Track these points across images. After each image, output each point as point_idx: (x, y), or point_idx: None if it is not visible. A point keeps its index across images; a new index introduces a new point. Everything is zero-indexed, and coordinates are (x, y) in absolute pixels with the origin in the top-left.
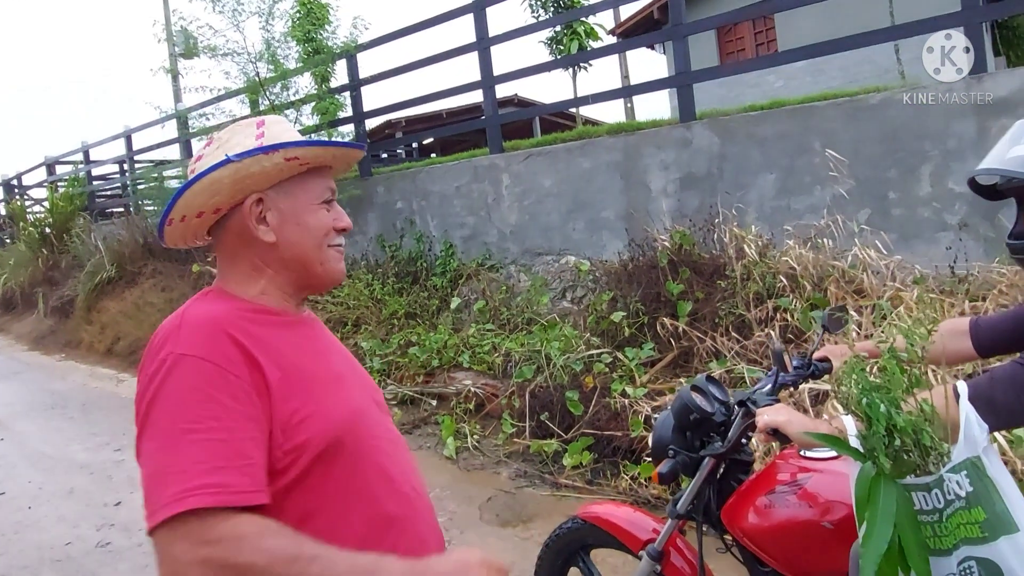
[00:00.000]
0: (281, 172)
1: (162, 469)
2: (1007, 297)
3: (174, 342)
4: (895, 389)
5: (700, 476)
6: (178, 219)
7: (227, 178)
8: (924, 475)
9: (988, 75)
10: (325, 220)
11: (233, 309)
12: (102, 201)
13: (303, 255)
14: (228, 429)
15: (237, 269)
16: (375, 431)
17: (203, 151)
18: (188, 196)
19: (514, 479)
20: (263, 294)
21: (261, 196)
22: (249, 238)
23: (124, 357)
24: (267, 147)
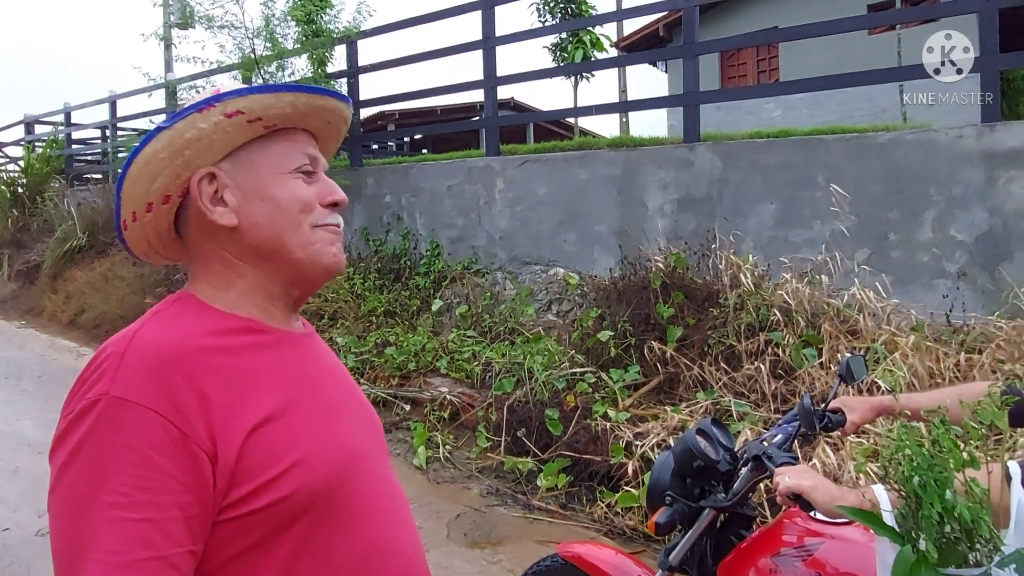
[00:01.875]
0: (227, 135)
1: (76, 548)
2: (1004, 352)
3: (111, 378)
4: (947, 468)
5: (698, 528)
6: (130, 218)
7: (163, 151)
8: (971, 567)
9: (1001, 124)
10: (301, 192)
11: (199, 332)
12: (80, 166)
13: (275, 238)
14: (159, 506)
15: (207, 268)
16: (372, 482)
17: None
18: (127, 185)
19: (485, 496)
20: (242, 298)
21: (212, 170)
22: (209, 228)
23: (87, 330)
24: (200, 102)
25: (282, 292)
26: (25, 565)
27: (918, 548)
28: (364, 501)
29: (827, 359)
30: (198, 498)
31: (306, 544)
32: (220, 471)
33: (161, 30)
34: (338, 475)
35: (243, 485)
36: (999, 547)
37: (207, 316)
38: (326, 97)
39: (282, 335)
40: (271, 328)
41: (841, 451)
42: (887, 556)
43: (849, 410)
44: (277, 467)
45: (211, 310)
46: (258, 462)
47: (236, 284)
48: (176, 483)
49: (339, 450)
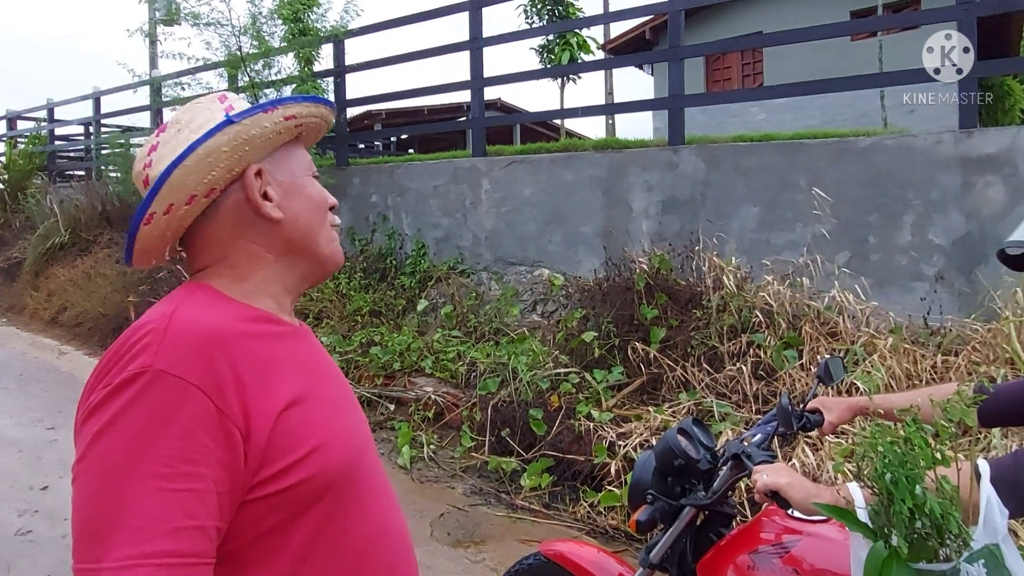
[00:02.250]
0: (279, 135)
1: (109, 516)
2: (979, 355)
3: (155, 352)
4: (918, 465)
5: (679, 526)
6: (161, 211)
7: (227, 144)
8: (941, 562)
9: (978, 131)
10: (322, 192)
11: (231, 318)
12: (63, 162)
13: (310, 232)
14: (200, 477)
15: (228, 262)
16: (375, 475)
17: (157, 139)
18: (178, 175)
19: (469, 496)
20: (257, 291)
21: (260, 167)
22: (249, 220)
23: (69, 328)
24: (267, 103)
25: (294, 285)
26: (4, 564)
27: (890, 544)
28: (370, 488)
29: (807, 360)
30: (231, 475)
31: (323, 527)
32: (252, 450)
33: (146, 26)
34: (350, 462)
35: (271, 465)
36: (968, 542)
37: (230, 304)
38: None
39: (294, 328)
40: (284, 321)
41: (820, 451)
42: (860, 552)
43: (827, 410)
44: (301, 449)
45: (230, 299)
46: (285, 443)
47: (255, 276)
48: (214, 459)
49: (351, 439)
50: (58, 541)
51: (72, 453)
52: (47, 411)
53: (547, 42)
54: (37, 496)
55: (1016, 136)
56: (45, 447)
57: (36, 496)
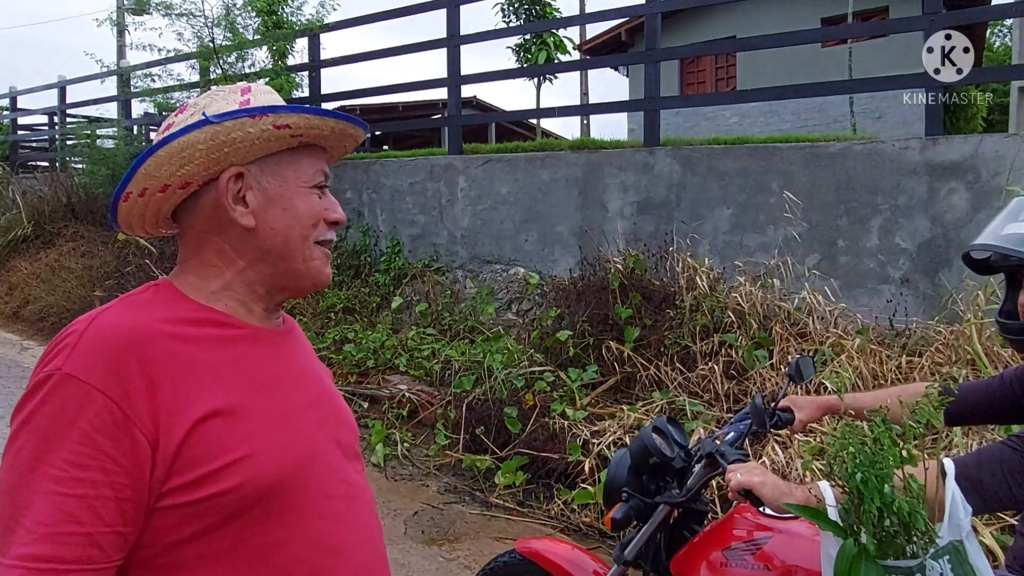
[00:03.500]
0: (268, 143)
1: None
2: (942, 355)
3: (67, 355)
4: (887, 464)
5: (653, 523)
6: (137, 192)
7: (203, 143)
8: (908, 559)
9: (943, 139)
10: (316, 207)
11: (163, 318)
12: (25, 153)
13: (285, 247)
14: (92, 483)
15: (198, 259)
16: (328, 485)
17: (175, 118)
18: (153, 163)
19: (443, 494)
20: (225, 291)
21: (241, 170)
22: (222, 221)
23: (31, 323)
24: (254, 109)
25: (267, 293)
26: None
27: (859, 541)
28: (315, 503)
29: (778, 360)
30: (133, 481)
31: (248, 539)
32: (160, 457)
33: (115, 15)
34: (289, 474)
35: (184, 474)
36: (934, 539)
37: (178, 305)
38: (358, 128)
39: (255, 331)
40: (244, 324)
41: (789, 449)
42: (831, 549)
43: (797, 409)
44: (221, 460)
45: (185, 299)
46: (202, 453)
47: (224, 276)
48: (113, 464)
49: (294, 450)
50: None
51: None
52: (7, 408)
53: (524, 41)
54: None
55: (979, 144)
56: None
57: None
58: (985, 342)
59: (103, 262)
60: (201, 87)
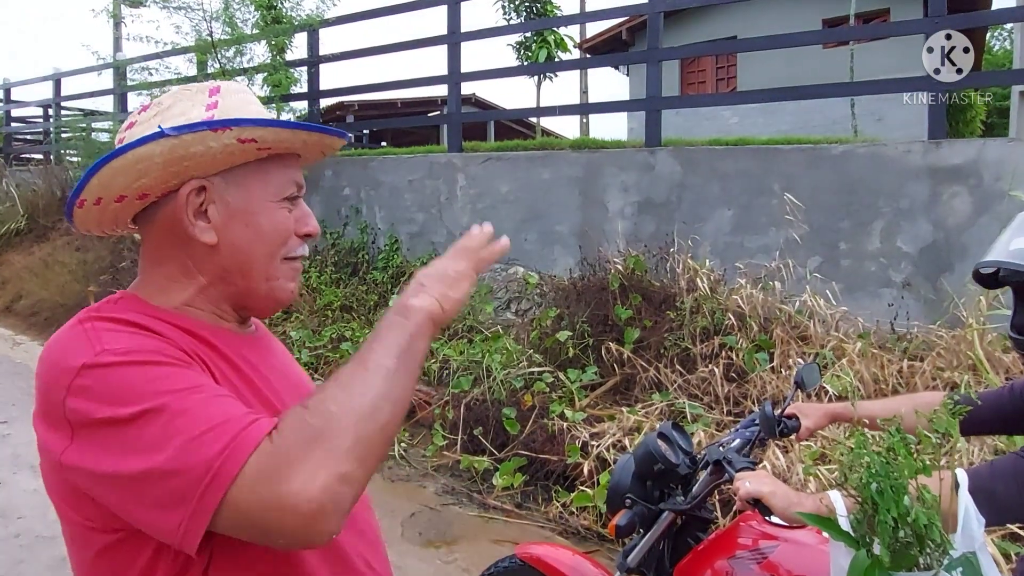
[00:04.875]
0: (232, 156)
1: (182, 442)
2: (944, 360)
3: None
4: (902, 475)
5: (657, 530)
6: (91, 201)
7: (159, 156)
8: (922, 570)
9: (946, 142)
10: (284, 223)
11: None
12: (19, 145)
13: (247, 265)
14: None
15: (160, 271)
16: None
17: (137, 117)
18: (106, 173)
19: (440, 495)
20: (188, 306)
21: (204, 184)
22: (182, 236)
23: (24, 317)
24: (216, 122)
25: (231, 308)
26: None
27: (872, 552)
28: None
29: (778, 363)
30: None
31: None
32: None
33: (111, 7)
34: None
35: None
36: (948, 551)
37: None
38: (333, 137)
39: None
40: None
41: (790, 454)
42: (842, 560)
43: (803, 416)
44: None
45: (156, 308)
46: None
47: (186, 291)
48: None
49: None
50: (10, 540)
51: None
52: (0, 404)
53: (524, 39)
54: None
55: (981, 148)
56: None
57: None
58: (987, 347)
59: (97, 257)
60: (198, 81)
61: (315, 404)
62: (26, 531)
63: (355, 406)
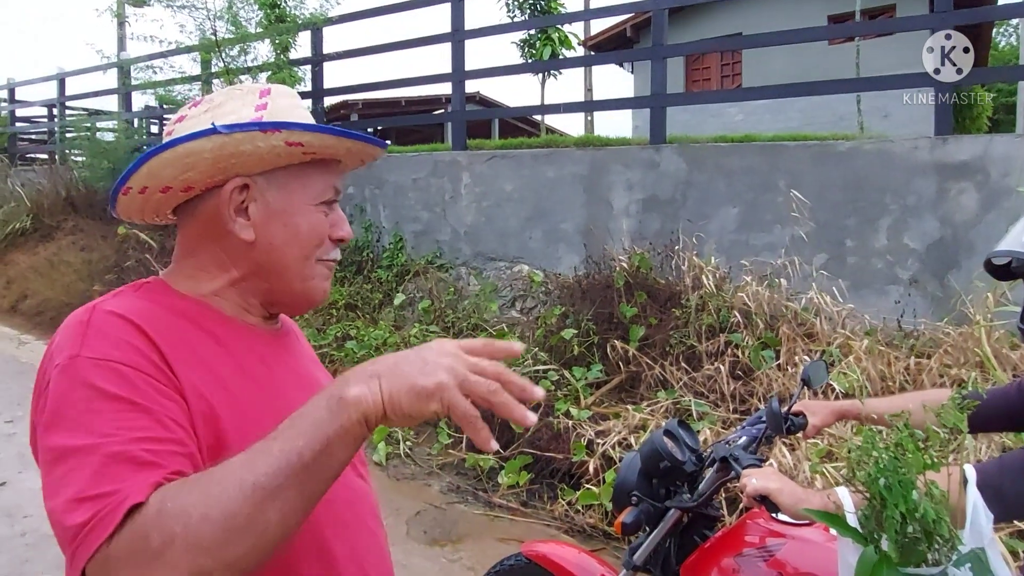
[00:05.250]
0: (278, 158)
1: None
2: (951, 357)
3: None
4: (910, 470)
5: (663, 528)
6: (137, 189)
7: (208, 152)
8: (930, 566)
9: (953, 138)
10: (320, 227)
11: (162, 306)
12: (24, 145)
13: (282, 265)
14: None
15: (193, 261)
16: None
17: (187, 111)
18: (155, 164)
19: (445, 493)
20: (216, 295)
21: (247, 182)
22: (220, 230)
23: (30, 317)
24: (267, 124)
25: (259, 304)
26: None
27: (880, 548)
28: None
29: (784, 361)
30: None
31: None
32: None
33: (115, 6)
34: None
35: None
36: (957, 547)
37: (172, 299)
38: (376, 147)
39: (249, 330)
40: (239, 322)
41: (797, 451)
42: (849, 557)
43: (811, 413)
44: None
45: (179, 295)
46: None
47: (216, 282)
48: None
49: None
50: (16, 539)
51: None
52: (5, 403)
53: (529, 36)
54: None
55: (988, 144)
56: (3, 441)
57: None
58: (994, 344)
59: (102, 256)
60: (203, 80)
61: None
62: (32, 530)
63: (227, 512)
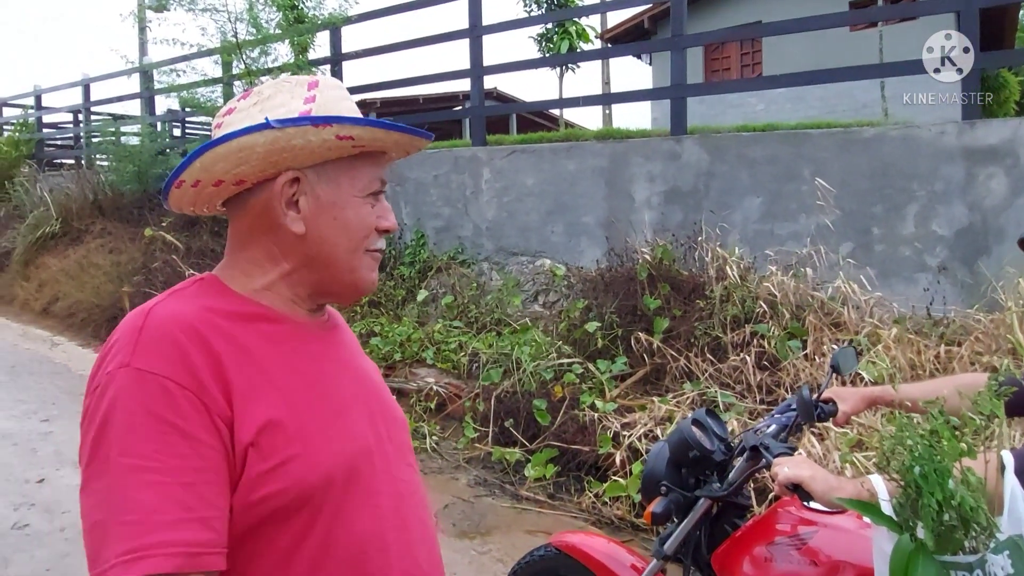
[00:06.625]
0: (328, 151)
1: (112, 516)
2: (982, 345)
3: (131, 352)
4: (946, 457)
5: (693, 517)
6: (190, 182)
7: (261, 146)
8: (967, 554)
9: (981, 122)
10: (368, 218)
11: (216, 310)
12: (51, 150)
13: (332, 257)
14: (193, 469)
15: (245, 255)
16: (378, 482)
17: (236, 104)
18: (209, 158)
19: (473, 487)
20: (268, 290)
21: (298, 175)
22: (272, 223)
23: (62, 319)
24: (319, 118)
25: (308, 296)
26: (2, 559)
27: (916, 536)
28: (365, 501)
29: (811, 351)
30: (226, 460)
31: (298, 541)
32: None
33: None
34: (339, 473)
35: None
36: (995, 534)
37: (226, 298)
38: (422, 139)
39: (301, 326)
40: (290, 318)
41: (826, 441)
42: (884, 545)
43: (841, 401)
44: (274, 459)
45: (232, 293)
46: (264, 452)
47: (268, 275)
48: (205, 447)
49: (343, 448)
50: (56, 534)
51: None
52: (41, 403)
53: (546, 31)
54: (33, 489)
55: (1018, 128)
56: (40, 440)
57: (32, 489)
58: None
59: (130, 258)
60: (224, 82)
61: None
62: (70, 525)
63: None
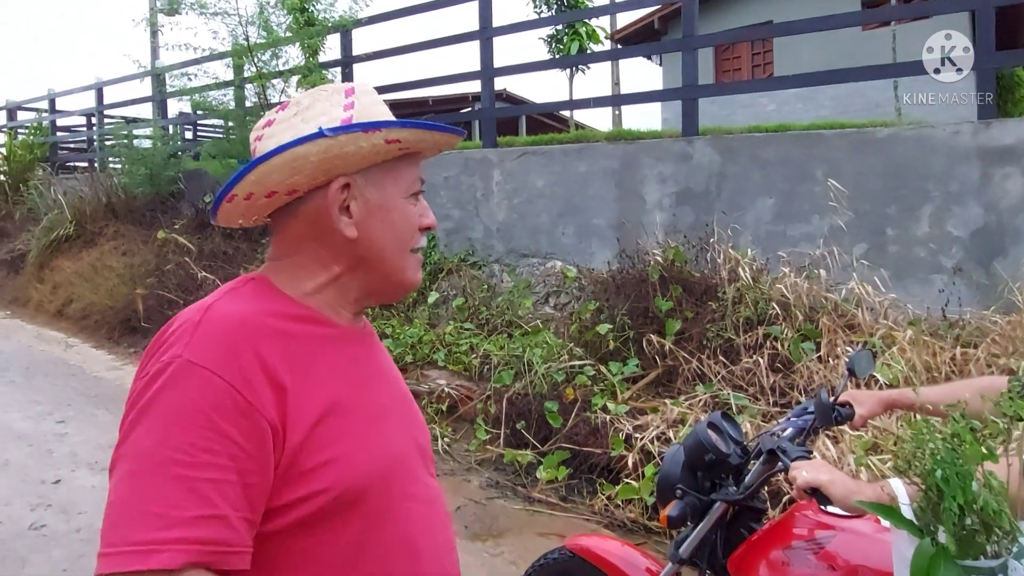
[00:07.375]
0: (377, 155)
1: (133, 502)
2: (999, 347)
3: (186, 343)
4: (968, 461)
5: (709, 521)
6: (242, 196)
7: (315, 155)
8: (990, 558)
9: (997, 122)
10: (412, 218)
11: (270, 312)
12: (65, 154)
13: (382, 258)
14: (220, 468)
15: (293, 260)
16: (410, 488)
17: (275, 115)
18: (263, 170)
19: (485, 489)
20: (317, 294)
21: (348, 181)
22: (325, 229)
23: (76, 320)
24: (368, 124)
25: (356, 298)
26: (19, 559)
27: (937, 541)
28: (398, 505)
29: (825, 353)
30: (259, 467)
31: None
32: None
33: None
34: (378, 477)
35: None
36: (1018, 538)
37: (280, 300)
38: (458, 137)
39: (345, 331)
40: (335, 323)
41: (841, 444)
42: (905, 549)
43: (858, 404)
44: (319, 458)
45: (284, 296)
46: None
47: (317, 280)
48: (239, 450)
49: (382, 452)
50: (72, 535)
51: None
52: (56, 404)
53: (556, 32)
54: (49, 490)
55: None
56: (55, 440)
57: (48, 490)
58: None
59: (143, 260)
60: (235, 85)
61: None
62: (86, 526)
63: None
